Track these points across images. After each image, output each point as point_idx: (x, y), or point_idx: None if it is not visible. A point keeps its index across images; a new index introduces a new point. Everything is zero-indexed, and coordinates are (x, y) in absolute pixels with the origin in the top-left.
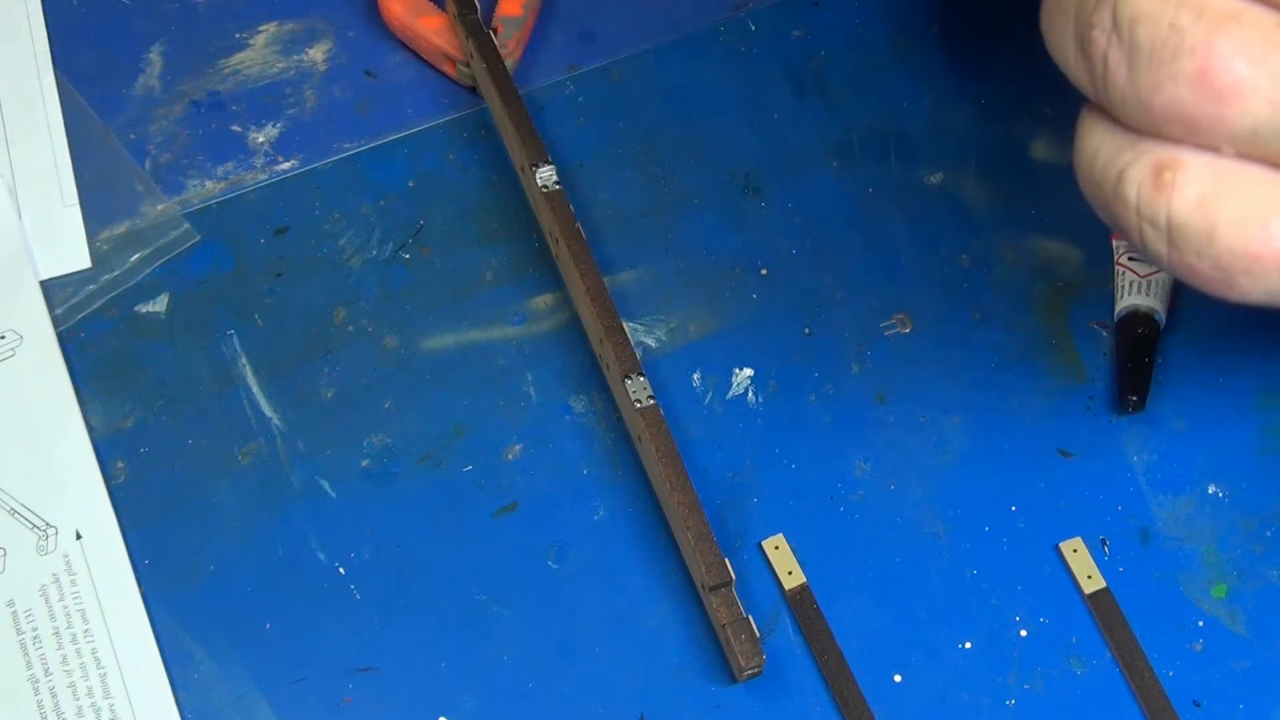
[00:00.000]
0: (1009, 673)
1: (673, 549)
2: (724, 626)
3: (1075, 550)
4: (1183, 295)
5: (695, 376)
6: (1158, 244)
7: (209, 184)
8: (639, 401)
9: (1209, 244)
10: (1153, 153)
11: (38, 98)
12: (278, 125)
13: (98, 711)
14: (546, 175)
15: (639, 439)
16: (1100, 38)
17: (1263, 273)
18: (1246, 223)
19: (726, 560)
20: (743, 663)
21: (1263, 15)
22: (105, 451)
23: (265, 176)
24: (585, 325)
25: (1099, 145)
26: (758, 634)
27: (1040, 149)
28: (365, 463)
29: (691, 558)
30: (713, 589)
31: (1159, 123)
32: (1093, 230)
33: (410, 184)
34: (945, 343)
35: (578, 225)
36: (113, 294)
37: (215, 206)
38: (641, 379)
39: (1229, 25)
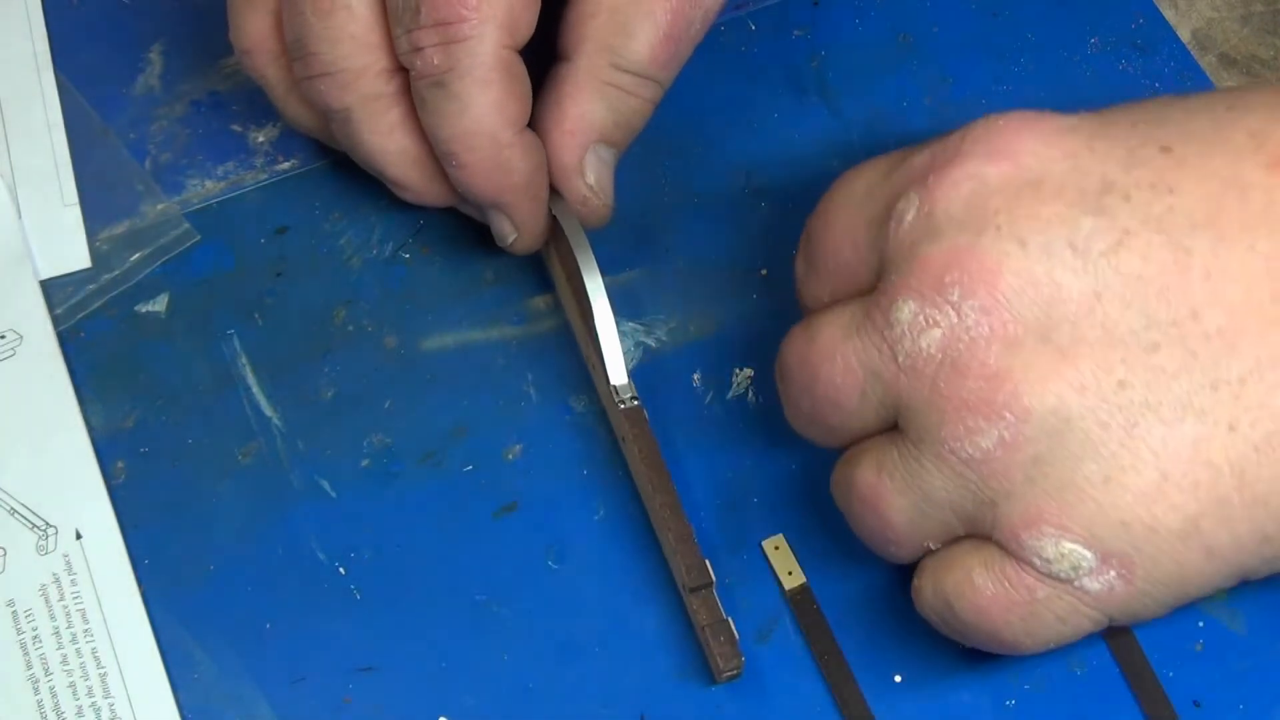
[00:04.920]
0: (1009, 673)
1: None
2: (703, 628)
3: None
4: None
5: (695, 376)
6: (945, 630)
7: (209, 184)
8: (623, 402)
9: (954, 617)
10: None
11: (38, 97)
12: (278, 125)
13: (98, 711)
14: None
15: (623, 439)
16: None
17: (1005, 624)
18: (961, 587)
19: (707, 562)
20: (721, 664)
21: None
22: (105, 451)
23: (265, 176)
24: (573, 327)
25: None
26: (736, 636)
27: None
28: (365, 463)
29: (673, 559)
30: (693, 590)
31: None
32: None
33: None
34: None
35: (564, 227)
36: (113, 294)
37: (215, 206)
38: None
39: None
